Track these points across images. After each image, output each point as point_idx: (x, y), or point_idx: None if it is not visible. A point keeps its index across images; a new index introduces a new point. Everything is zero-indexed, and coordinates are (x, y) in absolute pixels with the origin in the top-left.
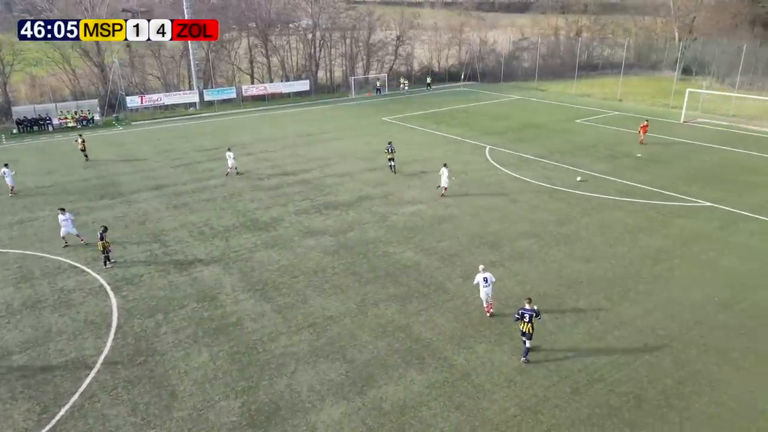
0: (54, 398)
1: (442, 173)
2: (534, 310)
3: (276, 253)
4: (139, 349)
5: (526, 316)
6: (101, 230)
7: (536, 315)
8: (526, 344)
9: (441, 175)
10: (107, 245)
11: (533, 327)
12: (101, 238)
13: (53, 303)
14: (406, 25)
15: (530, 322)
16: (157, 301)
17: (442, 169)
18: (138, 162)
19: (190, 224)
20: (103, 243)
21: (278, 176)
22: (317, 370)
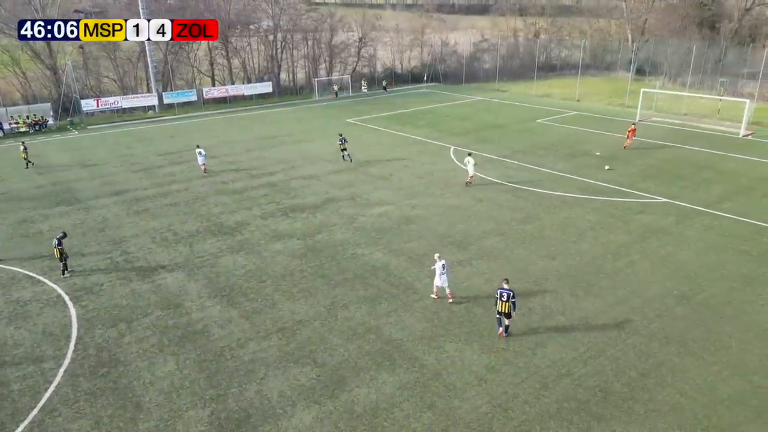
0: (12, 414)
1: (467, 162)
2: (511, 290)
3: (242, 257)
4: (101, 360)
5: (504, 295)
6: (59, 236)
7: (513, 295)
8: (506, 322)
9: (467, 165)
10: (64, 252)
11: (514, 306)
12: (59, 244)
13: (8, 315)
14: (368, 26)
15: (508, 301)
16: (120, 310)
17: (467, 158)
18: (96, 167)
19: (152, 230)
20: (60, 249)
21: (243, 179)
22: (287, 375)
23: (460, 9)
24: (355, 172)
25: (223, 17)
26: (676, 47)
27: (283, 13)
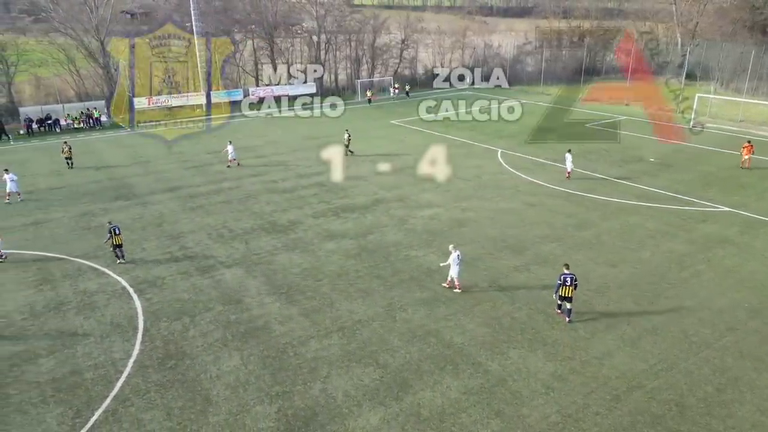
0: (87, 402)
1: (566, 158)
2: (573, 275)
3: (297, 256)
4: (168, 352)
5: (567, 280)
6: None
7: (575, 279)
8: (568, 306)
9: (566, 161)
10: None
11: (574, 289)
12: (117, 232)
13: (76, 305)
14: (411, 29)
15: (571, 285)
16: (182, 303)
17: (567, 154)
18: (149, 164)
19: (208, 226)
20: (119, 237)
21: (292, 179)
22: (351, 375)
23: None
24: (402, 174)
25: (269, 18)
26: (729, 51)
27: (327, 15)
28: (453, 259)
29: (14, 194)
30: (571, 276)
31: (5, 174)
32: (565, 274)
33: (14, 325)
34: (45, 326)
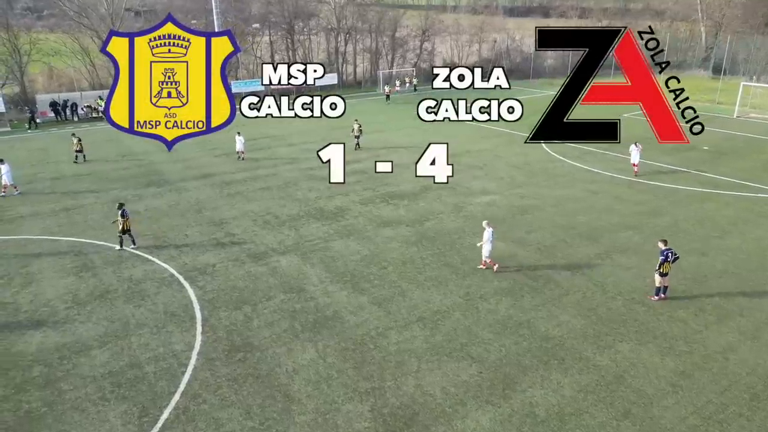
0: (152, 399)
1: (632, 150)
2: (672, 249)
3: (354, 243)
4: (234, 344)
5: (670, 256)
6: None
7: (676, 254)
8: (665, 282)
9: (632, 153)
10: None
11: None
12: (123, 215)
13: (123, 293)
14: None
15: (672, 261)
16: (240, 292)
17: (632, 147)
18: (175, 151)
19: (252, 213)
20: (125, 221)
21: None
22: (444, 369)
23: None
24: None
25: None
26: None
27: (347, 5)
28: (487, 237)
29: (10, 187)
30: (670, 250)
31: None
32: (667, 249)
33: (58, 315)
34: (92, 315)
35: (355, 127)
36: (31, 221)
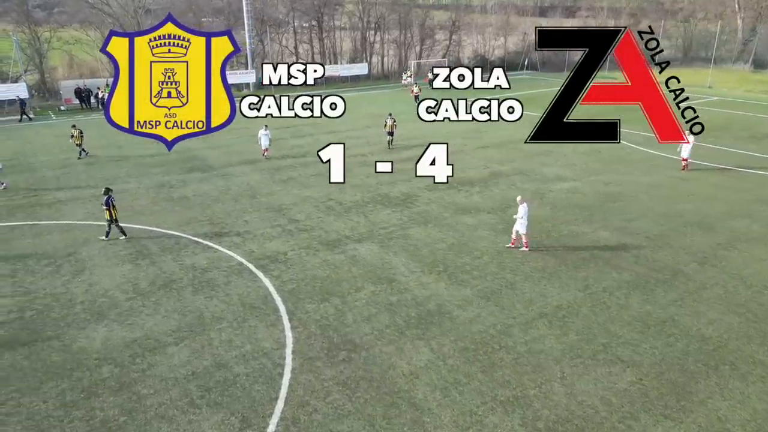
0: (251, 406)
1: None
2: None
3: (435, 230)
4: (332, 341)
5: None
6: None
7: None
8: None
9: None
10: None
11: None
12: (108, 204)
13: (190, 283)
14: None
15: None
16: (322, 282)
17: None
18: (211, 138)
19: (312, 199)
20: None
21: (379, 153)
22: (594, 375)
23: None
24: (504, 148)
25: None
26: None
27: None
28: (522, 212)
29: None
30: None
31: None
32: None
33: (120, 306)
34: (160, 307)
35: (389, 122)
36: (72, 206)
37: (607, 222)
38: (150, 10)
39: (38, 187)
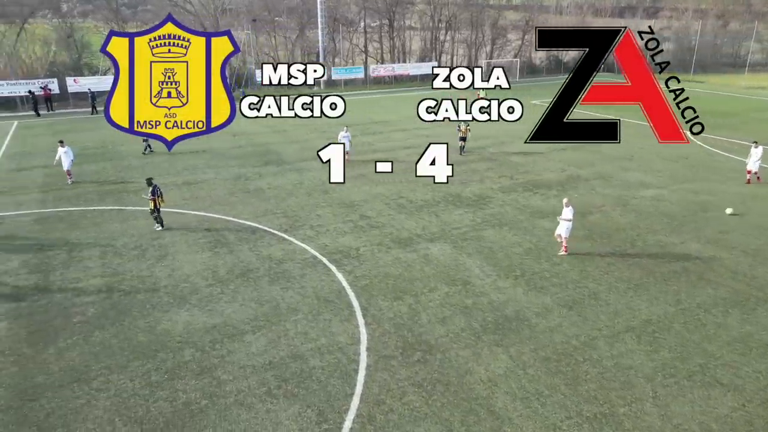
0: (327, 400)
1: (752, 153)
2: None
3: (510, 233)
4: (406, 340)
5: None
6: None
7: None
8: None
9: (750, 157)
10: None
11: None
12: (155, 193)
13: (266, 274)
14: (534, 11)
15: None
16: (395, 280)
17: (753, 149)
18: (286, 133)
19: (381, 196)
20: (157, 200)
21: (452, 152)
22: (690, 397)
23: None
24: (582, 150)
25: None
26: None
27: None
28: (568, 215)
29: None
30: None
31: (60, 147)
32: None
33: (200, 292)
34: (238, 295)
35: (462, 126)
36: None
37: (698, 233)
38: (227, 9)
39: (125, 174)
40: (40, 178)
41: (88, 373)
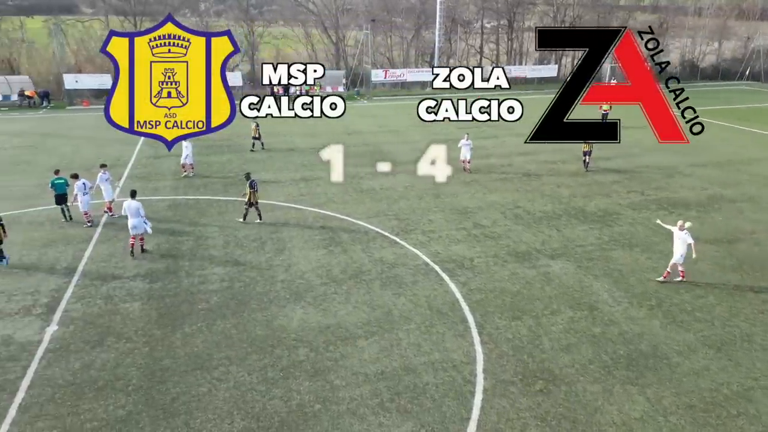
0: (442, 422)
1: None
2: None
3: (643, 256)
4: (526, 366)
5: None
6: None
7: None
8: None
9: None
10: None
11: None
12: (253, 187)
13: (378, 277)
14: (669, 15)
15: None
16: (512, 297)
17: None
18: (398, 133)
19: (497, 204)
20: (252, 193)
21: (573, 161)
22: None
23: None
24: (726, 168)
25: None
26: None
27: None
28: (683, 238)
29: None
30: None
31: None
32: None
33: (315, 290)
34: (350, 297)
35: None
36: (274, 187)
37: None
38: (347, 9)
39: (248, 167)
40: (173, 165)
41: (210, 361)
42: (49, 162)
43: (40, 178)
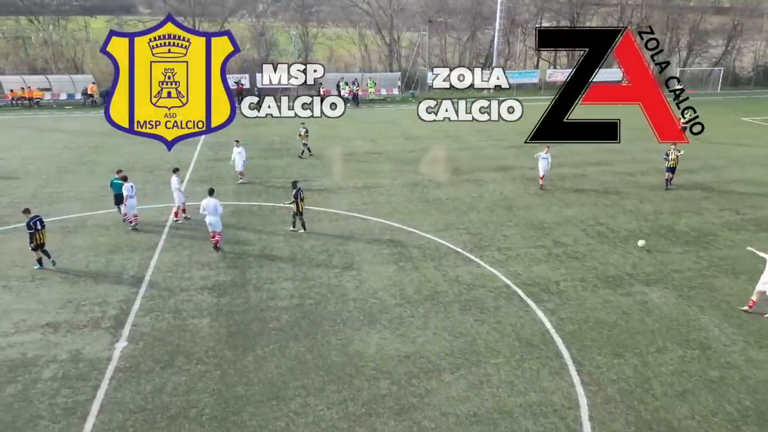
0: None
1: None
2: None
3: (750, 286)
4: (640, 416)
5: None
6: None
7: None
8: None
9: None
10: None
11: None
12: (297, 196)
13: (456, 299)
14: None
15: None
16: (610, 329)
17: None
18: (458, 138)
19: (575, 219)
20: (300, 203)
21: (652, 173)
22: None
23: None
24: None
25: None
26: None
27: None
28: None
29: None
30: None
31: (235, 146)
32: None
33: (389, 311)
34: (429, 322)
35: (672, 155)
36: (337, 196)
37: None
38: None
39: (307, 172)
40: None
41: (286, 390)
42: (112, 162)
43: (104, 179)
